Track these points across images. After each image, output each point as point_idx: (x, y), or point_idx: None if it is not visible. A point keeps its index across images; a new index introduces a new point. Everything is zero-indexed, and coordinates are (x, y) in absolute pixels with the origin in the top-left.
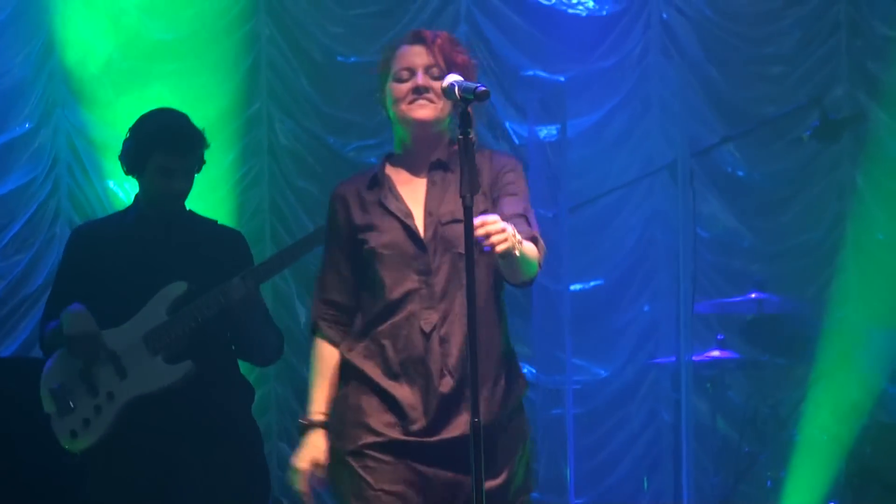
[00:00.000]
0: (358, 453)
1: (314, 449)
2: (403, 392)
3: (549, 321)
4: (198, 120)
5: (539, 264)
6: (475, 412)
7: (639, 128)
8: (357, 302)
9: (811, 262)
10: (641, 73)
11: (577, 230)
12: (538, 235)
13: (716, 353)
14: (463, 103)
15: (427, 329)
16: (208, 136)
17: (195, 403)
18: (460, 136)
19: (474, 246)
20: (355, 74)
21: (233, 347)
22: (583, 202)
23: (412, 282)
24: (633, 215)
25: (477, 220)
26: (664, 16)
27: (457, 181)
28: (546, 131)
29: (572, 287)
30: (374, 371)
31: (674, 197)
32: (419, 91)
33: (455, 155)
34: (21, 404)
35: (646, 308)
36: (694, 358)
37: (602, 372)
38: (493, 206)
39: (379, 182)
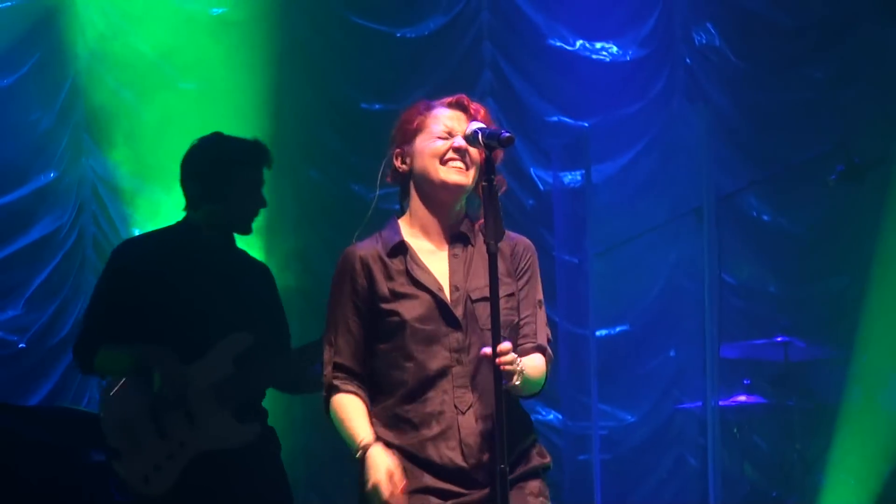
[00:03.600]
0: None
1: (382, 459)
2: (440, 470)
3: (576, 367)
4: None
5: (545, 375)
6: (501, 458)
7: (664, 173)
8: (366, 371)
9: (837, 307)
10: (666, 118)
11: (603, 276)
12: (546, 344)
13: (742, 398)
14: (487, 150)
15: (463, 408)
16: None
17: (243, 463)
18: (484, 183)
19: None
20: (380, 122)
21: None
22: (608, 248)
23: (444, 359)
24: (659, 261)
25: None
26: (688, 61)
27: (477, 255)
28: (571, 177)
29: (598, 333)
30: (410, 447)
31: (699, 242)
32: (459, 153)
33: (472, 228)
34: (48, 452)
35: (672, 353)
36: (721, 403)
37: (629, 417)
38: (517, 290)
39: (402, 250)
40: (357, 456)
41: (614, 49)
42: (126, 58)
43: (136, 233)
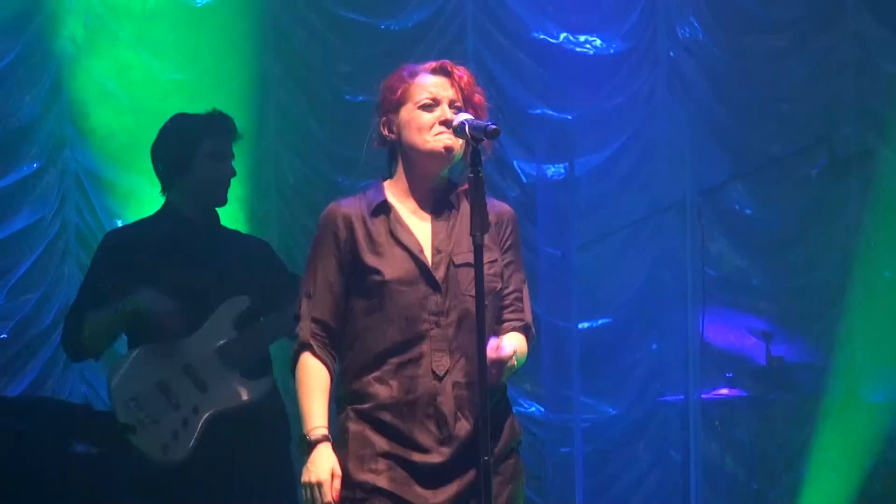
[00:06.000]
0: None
1: (328, 460)
2: (414, 435)
3: (558, 359)
4: None
5: (526, 355)
6: (485, 450)
7: (647, 166)
8: (341, 327)
9: (819, 301)
10: (649, 111)
11: (586, 268)
12: (531, 323)
13: (724, 392)
14: (473, 142)
15: (440, 372)
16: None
17: (255, 419)
18: (471, 175)
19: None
20: (363, 113)
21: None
22: (591, 240)
23: (424, 322)
24: (642, 254)
25: (492, 352)
26: (672, 54)
27: (462, 221)
28: (554, 170)
29: (581, 325)
30: (381, 413)
31: (682, 235)
32: (446, 124)
33: (457, 194)
34: (30, 442)
35: (654, 346)
36: (702, 396)
37: (611, 410)
38: (500, 259)
39: (385, 210)
40: (306, 439)
41: (598, 42)
42: (110, 48)
43: (120, 224)
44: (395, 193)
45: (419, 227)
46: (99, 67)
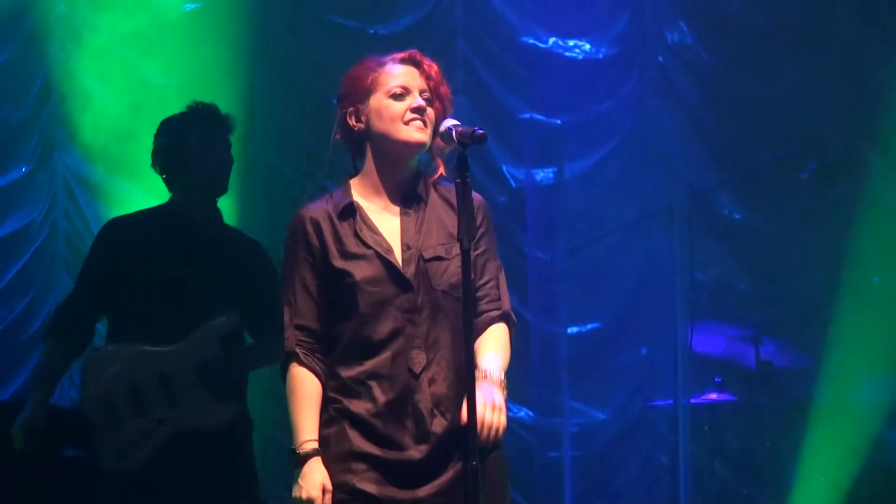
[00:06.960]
0: None
1: (319, 475)
2: (392, 434)
3: (547, 364)
4: None
5: (510, 346)
6: (473, 454)
7: (636, 171)
8: (328, 331)
9: (808, 305)
10: (638, 116)
11: (575, 273)
12: (509, 310)
13: (713, 396)
14: (460, 147)
15: (417, 369)
16: None
17: (216, 444)
18: (458, 181)
19: (468, 292)
20: None
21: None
22: (580, 245)
23: (397, 320)
24: (631, 258)
25: (481, 416)
26: (660, 59)
27: (431, 213)
28: (543, 174)
29: (570, 330)
30: (361, 413)
31: (671, 240)
32: (419, 111)
33: (425, 185)
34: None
35: (643, 351)
36: (692, 401)
37: (600, 415)
38: (472, 250)
39: (351, 212)
40: (296, 454)
41: (587, 46)
42: (100, 53)
43: None
44: (363, 191)
45: (388, 223)
46: (88, 72)
